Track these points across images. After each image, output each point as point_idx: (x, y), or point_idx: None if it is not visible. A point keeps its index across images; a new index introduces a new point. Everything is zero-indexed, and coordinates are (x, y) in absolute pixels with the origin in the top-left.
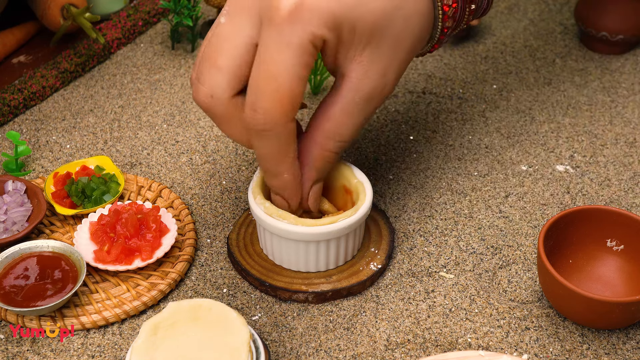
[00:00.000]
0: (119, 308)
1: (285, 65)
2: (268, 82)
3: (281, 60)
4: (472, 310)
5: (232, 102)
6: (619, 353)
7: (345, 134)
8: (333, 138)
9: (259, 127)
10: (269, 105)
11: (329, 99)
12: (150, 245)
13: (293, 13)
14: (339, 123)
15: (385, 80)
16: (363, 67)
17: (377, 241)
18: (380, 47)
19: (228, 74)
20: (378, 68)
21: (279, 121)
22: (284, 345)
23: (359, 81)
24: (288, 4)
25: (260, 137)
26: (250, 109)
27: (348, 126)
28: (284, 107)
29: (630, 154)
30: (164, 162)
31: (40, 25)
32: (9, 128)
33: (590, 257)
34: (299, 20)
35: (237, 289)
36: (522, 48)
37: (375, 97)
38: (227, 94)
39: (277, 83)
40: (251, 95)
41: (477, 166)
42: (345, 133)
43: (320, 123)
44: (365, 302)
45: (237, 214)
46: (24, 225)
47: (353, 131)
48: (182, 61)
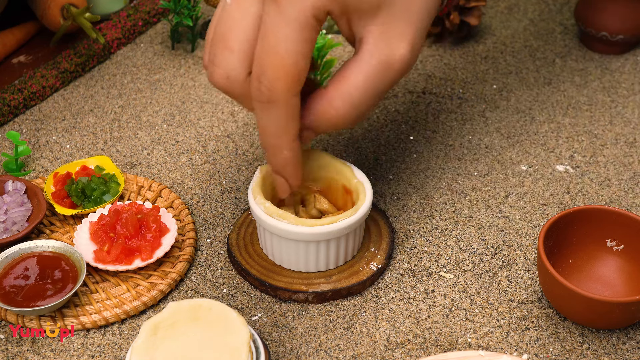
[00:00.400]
0: (119, 308)
1: (286, 41)
2: (271, 56)
3: (283, 36)
4: (472, 310)
5: (248, 80)
6: (619, 353)
7: (355, 96)
8: (342, 96)
9: (263, 99)
10: (273, 78)
11: (347, 62)
12: (150, 245)
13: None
14: (352, 82)
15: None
16: (379, 29)
17: (377, 241)
18: (392, 11)
19: (240, 53)
20: (394, 32)
21: (283, 94)
22: (284, 345)
23: (376, 44)
24: None
25: (264, 110)
26: (256, 80)
27: (360, 89)
28: (287, 81)
29: (630, 154)
30: (164, 162)
31: (40, 25)
32: (9, 128)
33: (590, 257)
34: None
35: (237, 289)
36: (522, 48)
37: (394, 64)
38: (243, 74)
39: (280, 58)
40: (256, 68)
41: (477, 166)
42: (355, 94)
43: (334, 79)
44: (365, 302)
45: (237, 214)
46: (24, 225)
47: (363, 97)
48: (182, 61)
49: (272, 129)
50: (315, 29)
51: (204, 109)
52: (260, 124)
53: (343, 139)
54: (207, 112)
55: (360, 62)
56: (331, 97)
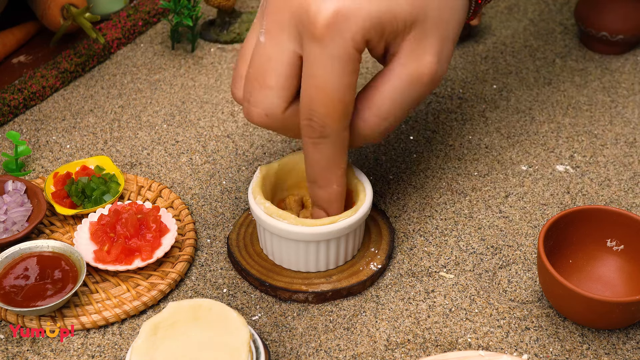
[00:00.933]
0: (119, 308)
1: (332, 77)
2: (319, 93)
3: (328, 73)
4: (472, 310)
5: (286, 114)
6: (619, 353)
7: (384, 110)
8: (370, 109)
9: (315, 135)
10: (324, 115)
11: (377, 75)
12: (150, 245)
13: (331, 25)
14: (381, 96)
15: (435, 61)
16: (411, 45)
17: (377, 241)
18: (425, 26)
19: (279, 90)
20: (426, 46)
21: (334, 129)
22: (284, 345)
23: (407, 58)
24: (324, 17)
25: (315, 145)
26: (306, 118)
27: (388, 101)
28: (338, 115)
29: (630, 154)
30: (164, 162)
31: (40, 25)
32: (9, 128)
33: (590, 257)
34: (337, 32)
35: (237, 289)
36: (522, 48)
37: (423, 78)
38: (281, 109)
39: (329, 94)
40: (305, 107)
41: (477, 166)
42: (384, 108)
43: (363, 91)
44: (365, 302)
45: (237, 214)
46: (24, 225)
47: (391, 110)
48: (182, 61)
49: (323, 163)
50: (358, 60)
51: (204, 109)
52: (310, 159)
53: None
54: (207, 112)
55: (390, 74)
56: (360, 109)
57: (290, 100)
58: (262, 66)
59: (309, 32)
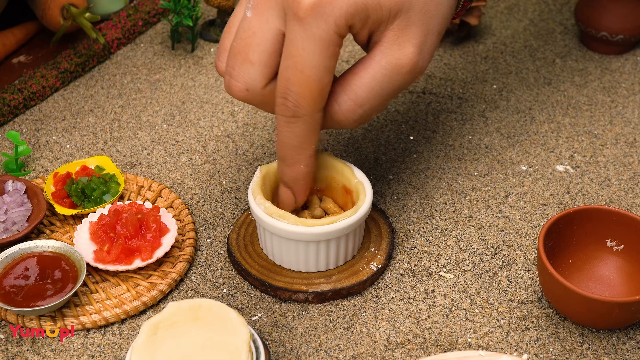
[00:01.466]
0: (119, 308)
1: (312, 58)
2: (297, 74)
3: (308, 54)
4: (472, 310)
5: (266, 90)
6: (619, 353)
7: (360, 95)
8: (347, 93)
9: (289, 114)
10: (299, 95)
11: (358, 62)
12: (150, 245)
13: (315, 7)
14: (359, 81)
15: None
16: (394, 33)
17: (377, 241)
18: (408, 16)
19: (260, 66)
20: (409, 36)
21: (308, 110)
22: (284, 345)
23: (389, 46)
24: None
25: (288, 124)
26: (281, 97)
27: (365, 87)
28: (313, 97)
29: (630, 154)
30: (164, 162)
31: (40, 25)
32: (9, 128)
33: (590, 257)
34: (321, 14)
35: (237, 289)
36: (522, 48)
37: (403, 67)
38: (261, 85)
39: (306, 75)
40: (281, 85)
41: (477, 166)
42: (360, 94)
43: (341, 76)
44: (365, 302)
45: (237, 214)
46: (24, 225)
47: (368, 96)
48: (182, 61)
49: (293, 142)
50: (338, 44)
51: (204, 109)
52: (281, 137)
53: (343, 139)
54: (207, 112)
55: (370, 61)
56: (336, 93)
57: (271, 77)
58: (246, 40)
59: (292, 12)
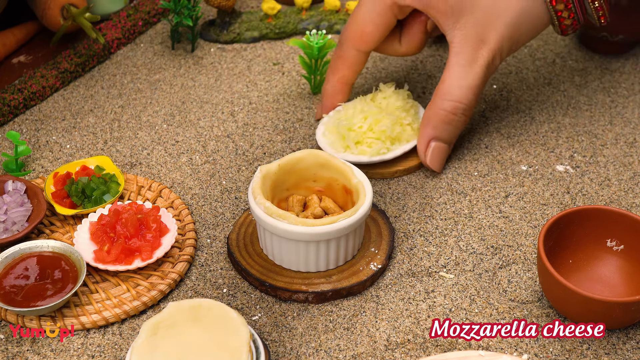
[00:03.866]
0: (119, 308)
1: (362, 9)
2: (350, 19)
3: (362, 5)
4: (472, 310)
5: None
6: (619, 353)
7: (455, 94)
8: (443, 97)
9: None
10: (344, 29)
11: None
12: (150, 245)
13: None
14: (448, 83)
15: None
16: (462, 32)
17: (377, 241)
18: (474, 15)
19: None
20: (476, 33)
21: (344, 43)
22: (284, 345)
23: (459, 45)
24: None
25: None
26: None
27: (455, 87)
28: (351, 36)
29: (630, 154)
30: (164, 162)
31: (40, 25)
32: (9, 128)
33: (590, 257)
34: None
35: (237, 289)
36: (522, 48)
37: (479, 60)
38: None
39: (353, 17)
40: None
41: (477, 166)
42: (454, 93)
43: (437, 85)
44: (365, 302)
45: (237, 214)
46: (24, 225)
47: (462, 92)
48: (182, 61)
49: (330, 64)
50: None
51: (204, 109)
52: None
53: None
54: (207, 112)
55: (450, 62)
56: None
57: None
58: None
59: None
